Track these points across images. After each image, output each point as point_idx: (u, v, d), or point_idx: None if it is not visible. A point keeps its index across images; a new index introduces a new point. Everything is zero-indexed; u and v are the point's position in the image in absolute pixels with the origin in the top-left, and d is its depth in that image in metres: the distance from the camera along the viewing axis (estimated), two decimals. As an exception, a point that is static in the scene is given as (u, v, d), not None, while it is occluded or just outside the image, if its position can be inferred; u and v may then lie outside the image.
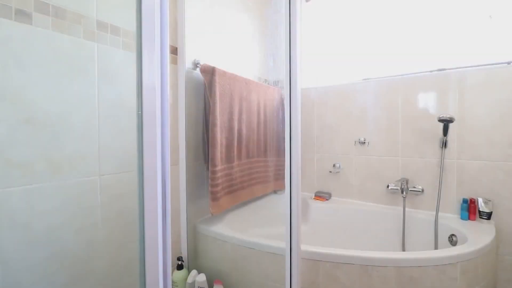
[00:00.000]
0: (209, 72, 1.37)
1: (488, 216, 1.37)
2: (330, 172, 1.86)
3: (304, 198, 1.88)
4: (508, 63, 1.36)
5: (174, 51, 1.34)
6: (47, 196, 0.87)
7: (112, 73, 1.05)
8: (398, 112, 1.64)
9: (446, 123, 1.42)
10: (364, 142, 1.74)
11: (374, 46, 1.76)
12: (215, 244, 1.30)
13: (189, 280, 1.23)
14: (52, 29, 0.89)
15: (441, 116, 1.41)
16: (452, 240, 1.36)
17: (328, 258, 1.08)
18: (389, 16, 1.71)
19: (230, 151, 1.48)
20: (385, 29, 1.72)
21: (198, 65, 1.41)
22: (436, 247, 1.42)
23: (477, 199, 1.41)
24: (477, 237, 1.23)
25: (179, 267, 1.26)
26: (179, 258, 1.27)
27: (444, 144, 1.47)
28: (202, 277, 1.21)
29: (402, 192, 1.54)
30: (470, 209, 1.42)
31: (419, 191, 1.56)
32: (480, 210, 1.39)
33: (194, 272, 1.25)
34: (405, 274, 1.04)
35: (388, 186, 1.65)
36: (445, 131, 1.45)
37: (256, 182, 1.71)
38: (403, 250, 1.52)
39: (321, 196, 1.86)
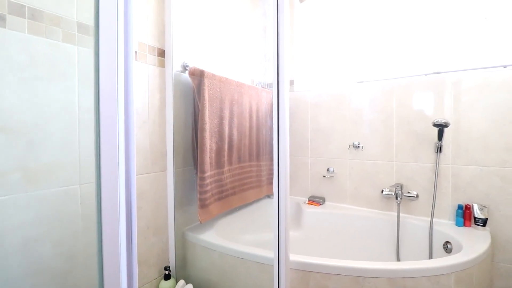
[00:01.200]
0: (198, 75, 1.33)
1: (484, 222, 1.34)
2: (324, 176, 1.82)
3: (298, 203, 1.85)
4: (504, 66, 1.33)
5: (162, 53, 1.29)
6: (22, 207, 0.83)
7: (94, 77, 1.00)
8: (393, 116, 1.61)
9: (441, 127, 1.39)
10: (359, 146, 1.71)
11: (369, 48, 1.73)
12: (204, 253, 1.27)
13: (176, 290, 1.19)
14: (28, 32, 0.85)
15: (435, 120, 1.38)
16: (447, 247, 1.33)
17: (318, 269, 1.04)
18: (384, 19, 1.67)
19: (220, 156, 1.44)
20: (380, 31, 1.69)
21: (187, 68, 1.37)
22: (430, 255, 1.39)
23: (473, 205, 1.38)
24: (472, 244, 1.20)
25: (166, 277, 1.22)
26: (166, 268, 1.23)
27: (439, 149, 1.44)
28: (189, 288, 1.18)
29: (396, 198, 1.51)
30: (465, 215, 1.39)
31: (414, 196, 1.53)
32: (476, 216, 1.36)
33: (181, 282, 1.21)
34: (398, 285, 1.00)
35: (382, 191, 1.61)
36: (440, 135, 1.42)
37: (249, 187, 1.68)
38: (397, 257, 1.49)
39: (314, 201, 1.82)
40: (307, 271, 1.06)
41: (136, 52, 1.17)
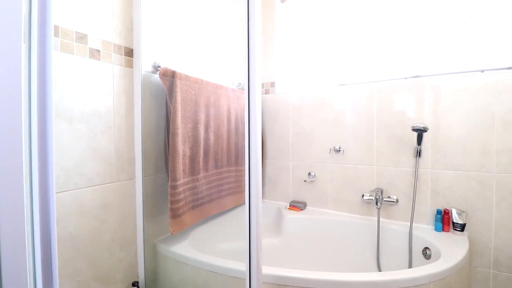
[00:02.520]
0: (169, 76, 1.25)
1: (462, 228, 1.33)
2: (305, 181, 1.78)
3: (279, 208, 1.80)
4: (482, 71, 1.32)
5: (130, 53, 1.21)
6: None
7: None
8: (373, 120, 1.58)
9: (420, 132, 1.37)
10: (339, 150, 1.68)
11: (350, 50, 1.70)
12: (175, 266, 1.19)
13: (145, 307, 1.11)
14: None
15: (414, 125, 1.36)
16: (426, 253, 1.31)
17: (294, 282, 0.99)
18: (365, 22, 1.65)
19: (195, 162, 1.36)
20: (361, 34, 1.66)
21: (158, 69, 1.29)
22: (410, 261, 1.37)
23: (451, 210, 1.37)
24: (451, 250, 1.19)
25: (134, 293, 1.14)
26: (135, 283, 1.15)
27: (418, 154, 1.43)
28: (158, 304, 1.10)
29: (376, 203, 1.48)
30: (444, 220, 1.38)
31: (394, 201, 1.51)
32: (454, 221, 1.35)
33: (150, 298, 1.13)
34: (376, 297, 0.97)
35: (363, 196, 1.59)
36: (419, 140, 1.40)
37: (227, 193, 1.61)
38: (378, 264, 1.46)
39: (296, 206, 1.78)
40: (282, 285, 1.00)
41: (99, 51, 1.08)
